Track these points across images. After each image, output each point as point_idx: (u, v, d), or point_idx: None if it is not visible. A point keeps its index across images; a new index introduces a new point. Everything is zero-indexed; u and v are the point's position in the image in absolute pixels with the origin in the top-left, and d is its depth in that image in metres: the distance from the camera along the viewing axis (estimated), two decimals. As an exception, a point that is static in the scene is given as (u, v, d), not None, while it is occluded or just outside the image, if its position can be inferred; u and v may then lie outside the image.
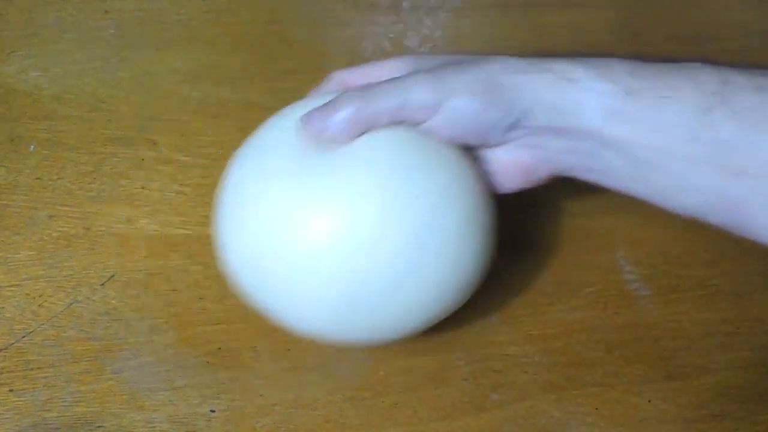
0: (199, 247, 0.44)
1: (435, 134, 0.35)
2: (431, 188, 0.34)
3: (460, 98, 0.34)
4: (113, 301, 0.42)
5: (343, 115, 0.34)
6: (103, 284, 0.43)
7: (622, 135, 0.33)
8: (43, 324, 0.41)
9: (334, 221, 0.33)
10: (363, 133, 0.34)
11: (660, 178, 0.34)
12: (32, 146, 0.48)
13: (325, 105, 0.35)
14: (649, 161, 0.33)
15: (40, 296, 0.42)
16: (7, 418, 0.38)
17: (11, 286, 0.42)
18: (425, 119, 0.34)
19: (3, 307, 0.41)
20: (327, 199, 0.33)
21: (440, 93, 0.34)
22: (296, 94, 0.53)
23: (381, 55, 0.55)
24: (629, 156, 0.34)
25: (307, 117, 0.35)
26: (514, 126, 0.35)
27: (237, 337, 0.41)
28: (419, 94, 0.34)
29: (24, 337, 0.40)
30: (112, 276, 0.43)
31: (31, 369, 0.39)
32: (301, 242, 0.33)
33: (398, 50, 0.56)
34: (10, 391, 0.38)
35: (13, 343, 0.40)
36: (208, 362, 0.40)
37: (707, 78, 0.32)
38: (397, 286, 0.33)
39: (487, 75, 0.34)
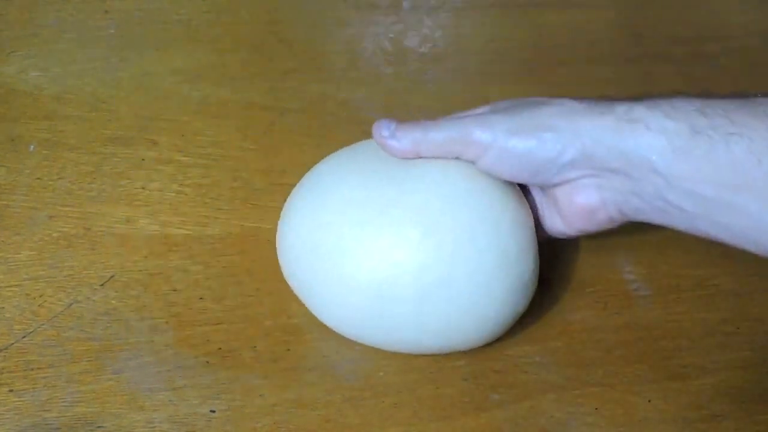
0: (199, 247, 0.44)
1: (489, 171, 0.37)
2: (474, 218, 0.37)
3: (510, 138, 0.36)
4: (113, 301, 0.42)
5: (404, 134, 0.38)
6: (103, 284, 0.43)
7: (689, 174, 0.33)
8: (43, 324, 0.41)
9: (383, 235, 0.37)
10: (418, 157, 0.38)
11: (734, 218, 0.33)
12: (32, 146, 0.48)
13: (396, 121, 0.39)
14: (721, 200, 0.33)
15: (41, 296, 0.42)
16: (8, 418, 0.37)
17: (11, 286, 0.42)
18: (478, 156, 0.37)
19: (3, 307, 0.41)
20: (379, 217, 0.37)
21: (491, 132, 0.36)
22: (296, 94, 0.53)
23: (381, 54, 0.56)
24: (698, 196, 0.33)
25: (378, 124, 0.39)
26: (570, 166, 0.36)
27: (237, 337, 0.41)
28: (472, 133, 0.36)
29: (24, 337, 0.40)
30: (112, 276, 0.43)
31: (31, 369, 0.39)
32: (351, 247, 0.37)
33: (398, 50, 0.56)
34: (10, 391, 0.38)
35: (13, 343, 0.40)
36: (208, 362, 0.40)
37: None
38: (421, 298, 0.37)
39: (541, 117, 0.36)
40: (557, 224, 0.40)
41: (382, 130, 0.39)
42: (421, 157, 0.38)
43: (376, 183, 0.38)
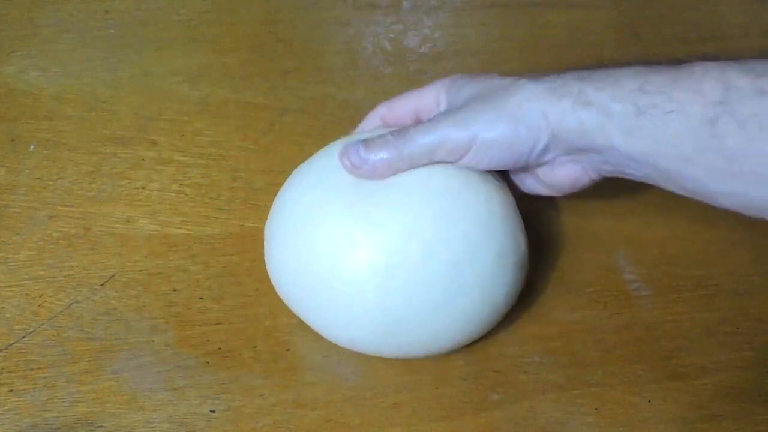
0: (199, 247, 0.44)
1: (469, 166, 0.38)
2: (470, 225, 0.37)
3: (488, 133, 0.36)
4: (113, 301, 0.42)
5: (378, 157, 0.37)
6: (103, 284, 0.43)
7: (641, 150, 0.34)
8: (43, 324, 0.41)
9: (382, 249, 0.36)
10: (396, 173, 0.37)
11: (689, 184, 0.35)
12: (32, 146, 0.48)
13: (363, 143, 0.37)
14: (675, 171, 0.34)
15: (40, 296, 0.42)
16: (7, 418, 0.38)
17: (11, 286, 0.42)
18: (460, 157, 0.37)
19: (3, 307, 0.41)
20: (376, 229, 0.36)
21: (469, 132, 0.36)
22: (296, 93, 0.53)
23: (381, 54, 0.55)
24: (654, 167, 0.35)
25: (344, 151, 0.38)
26: (545, 151, 0.37)
27: (237, 337, 0.41)
28: (450, 136, 0.36)
29: (24, 337, 0.40)
30: (112, 276, 0.43)
31: (31, 369, 0.39)
32: (348, 266, 0.36)
33: (398, 50, 0.56)
34: (10, 391, 0.38)
35: (13, 343, 0.40)
36: (208, 362, 0.40)
37: (711, 85, 0.32)
38: (434, 310, 0.37)
39: (512, 107, 0.36)
40: (540, 190, 0.41)
41: (351, 157, 0.37)
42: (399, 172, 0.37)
43: (363, 199, 0.37)
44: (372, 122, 0.43)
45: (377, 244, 0.36)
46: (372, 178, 0.37)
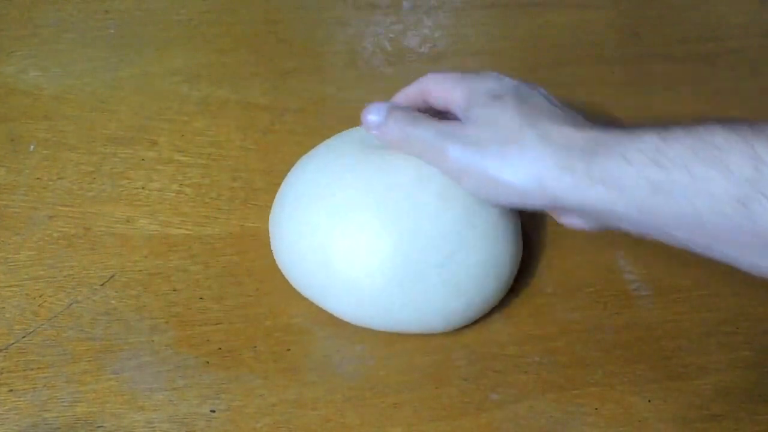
0: (199, 247, 0.44)
1: (471, 193, 0.38)
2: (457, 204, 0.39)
3: (481, 174, 0.36)
4: (113, 301, 0.42)
5: (391, 128, 0.38)
6: (103, 284, 0.43)
7: (656, 223, 0.32)
8: (43, 324, 0.41)
9: (395, 199, 0.38)
10: (401, 152, 0.39)
11: (713, 254, 0.33)
12: (32, 146, 0.48)
13: (389, 109, 0.39)
14: (697, 243, 0.32)
15: (40, 296, 0.42)
16: (7, 418, 0.37)
17: (11, 286, 0.42)
18: (457, 178, 0.37)
19: (3, 307, 0.41)
20: (384, 194, 0.38)
21: (464, 163, 0.36)
22: (296, 93, 0.53)
23: (381, 54, 0.55)
24: (670, 236, 0.33)
25: (370, 107, 0.39)
26: (541, 208, 0.36)
27: (237, 337, 0.41)
28: (450, 153, 0.36)
29: (24, 337, 0.40)
30: (112, 276, 0.43)
31: (31, 369, 0.39)
32: (360, 223, 0.38)
33: (398, 50, 0.56)
34: (10, 391, 0.38)
35: (13, 343, 0.40)
36: (208, 362, 0.40)
37: (738, 161, 0.29)
38: (447, 258, 0.38)
39: (510, 167, 0.35)
40: None
41: (370, 115, 0.39)
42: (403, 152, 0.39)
43: (369, 171, 0.39)
44: (414, 90, 0.42)
45: (389, 199, 0.38)
46: (379, 141, 0.39)
